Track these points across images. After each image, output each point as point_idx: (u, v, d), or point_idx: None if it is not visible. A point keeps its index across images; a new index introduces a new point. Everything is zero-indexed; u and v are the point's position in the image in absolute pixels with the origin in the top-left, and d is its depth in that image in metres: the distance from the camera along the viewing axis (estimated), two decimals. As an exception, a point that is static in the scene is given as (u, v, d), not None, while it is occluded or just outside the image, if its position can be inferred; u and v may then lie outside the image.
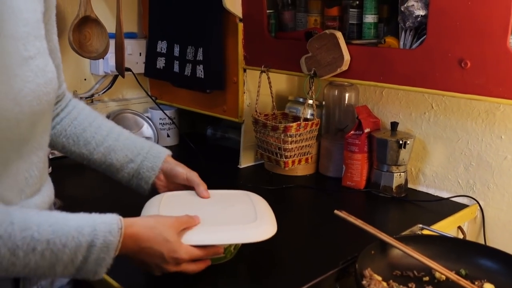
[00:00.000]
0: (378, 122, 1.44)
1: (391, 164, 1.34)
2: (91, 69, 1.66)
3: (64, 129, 0.98)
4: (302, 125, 1.34)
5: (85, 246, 0.69)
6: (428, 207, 1.31)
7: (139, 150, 1.01)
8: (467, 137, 1.33)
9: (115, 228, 0.72)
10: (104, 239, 0.71)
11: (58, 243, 0.67)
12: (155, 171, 1.01)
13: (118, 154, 0.99)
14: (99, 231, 0.70)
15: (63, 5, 1.55)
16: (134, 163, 1.00)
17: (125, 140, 1.01)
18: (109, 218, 0.73)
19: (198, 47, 1.53)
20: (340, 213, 0.99)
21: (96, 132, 0.98)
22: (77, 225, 0.69)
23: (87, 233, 0.69)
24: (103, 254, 0.70)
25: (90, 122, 0.99)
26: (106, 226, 0.72)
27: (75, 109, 1.00)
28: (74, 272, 0.70)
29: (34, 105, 0.70)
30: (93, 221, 0.71)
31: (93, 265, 0.70)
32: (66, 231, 0.68)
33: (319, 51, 1.27)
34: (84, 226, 0.70)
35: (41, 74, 0.72)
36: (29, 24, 0.72)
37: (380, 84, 1.20)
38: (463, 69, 1.05)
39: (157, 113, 1.73)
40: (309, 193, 1.41)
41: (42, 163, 0.79)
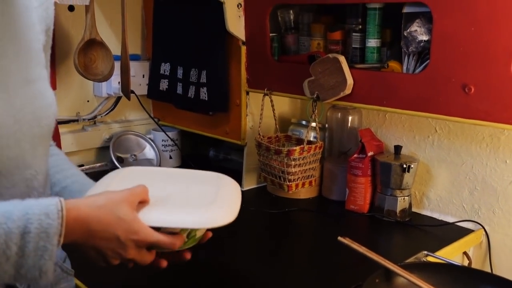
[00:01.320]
0: (382, 145, 1.43)
1: (395, 188, 1.33)
2: (94, 91, 1.66)
3: None
4: (305, 148, 1.33)
5: (17, 233, 0.58)
6: (433, 232, 1.29)
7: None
8: (471, 161, 1.32)
9: (53, 210, 0.61)
10: (40, 222, 0.59)
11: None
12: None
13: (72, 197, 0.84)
14: (32, 214, 0.59)
15: (68, 28, 1.57)
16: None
17: (86, 185, 0.87)
18: (45, 201, 0.62)
19: (202, 70, 1.53)
20: (343, 239, 0.98)
21: (58, 172, 0.89)
22: (5, 210, 0.59)
23: (18, 218, 0.59)
24: (42, 241, 0.59)
25: (58, 164, 0.91)
26: (41, 208, 0.61)
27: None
28: (14, 272, 0.59)
29: (34, 127, 0.72)
30: (25, 205, 0.61)
31: (34, 258, 0.59)
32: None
33: (322, 74, 1.27)
34: (14, 211, 0.59)
35: (41, 98, 0.74)
36: (32, 51, 0.75)
37: (384, 108, 1.20)
38: (467, 94, 1.05)
39: (159, 134, 1.73)
40: (312, 217, 1.40)
41: (42, 188, 0.79)
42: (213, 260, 1.12)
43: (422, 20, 1.12)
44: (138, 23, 1.75)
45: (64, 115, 1.60)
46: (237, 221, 1.35)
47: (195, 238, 0.78)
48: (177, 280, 1.04)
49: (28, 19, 0.76)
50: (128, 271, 1.00)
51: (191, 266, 1.08)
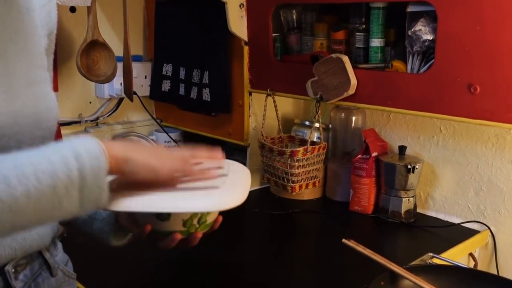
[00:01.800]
0: (386, 145, 1.42)
1: (400, 189, 1.32)
2: (97, 92, 1.65)
3: None
4: (309, 149, 1.32)
5: (72, 157, 0.61)
6: (438, 233, 1.28)
7: None
8: (477, 161, 1.31)
9: (95, 144, 0.64)
10: (85, 148, 0.63)
11: (43, 162, 0.60)
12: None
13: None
14: (79, 146, 0.63)
15: (70, 29, 1.56)
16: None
17: None
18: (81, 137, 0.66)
19: (204, 70, 1.53)
20: (348, 242, 0.96)
21: None
22: (47, 149, 0.62)
23: (66, 150, 0.62)
24: (95, 161, 0.62)
25: None
26: (84, 144, 0.63)
27: None
28: (79, 196, 0.62)
29: (35, 129, 0.71)
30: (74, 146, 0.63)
31: (92, 176, 0.62)
32: (43, 151, 0.62)
33: (326, 75, 1.25)
34: (61, 147, 0.63)
35: (43, 100, 0.74)
36: (34, 54, 0.75)
37: (388, 109, 1.19)
38: (472, 94, 1.04)
39: (162, 135, 1.72)
40: (316, 218, 1.39)
41: None
42: (217, 261, 1.12)
43: (427, 19, 1.11)
44: (140, 23, 1.74)
45: (66, 116, 1.59)
46: (240, 223, 1.34)
47: (206, 224, 0.77)
48: (179, 282, 1.03)
49: (31, 21, 0.76)
50: (130, 274, 1.00)
51: (194, 266, 1.07)
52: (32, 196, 0.59)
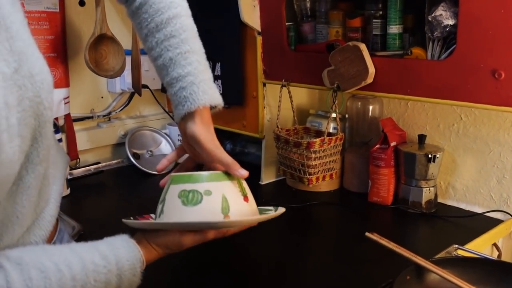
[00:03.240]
0: (404, 134, 1.39)
1: (420, 179, 1.29)
2: (108, 87, 1.64)
3: (138, 19, 0.89)
4: (326, 140, 1.29)
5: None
6: (460, 223, 1.25)
7: (178, 80, 0.85)
8: (499, 149, 1.27)
9: (138, 269, 0.73)
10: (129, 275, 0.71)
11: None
12: (181, 114, 0.85)
13: (168, 73, 0.86)
14: (124, 277, 0.71)
15: (79, 24, 1.54)
16: (171, 88, 0.86)
17: (177, 55, 0.86)
18: (132, 260, 0.72)
19: (216, 62, 1.50)
20: (371, 235, 0.94)
21: (158, 31, 0.86)
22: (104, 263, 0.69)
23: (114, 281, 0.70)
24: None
25: (158, 25, 0.87)
26: (130, 271, 0.72)
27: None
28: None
29: (32, 122, 0.62)
30: (117, 258, 0.71)
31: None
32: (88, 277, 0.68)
33: (342, 64, 1.22)
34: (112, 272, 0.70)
35: (30, 83, 0.61)
36: (0, 29, 0.60)
37: (407, 97, 1.15)
38: (496, 80, 1.00)
39: (175, 129, 1.70)
40: (334, 210, 1.37)
41: (50, 169, 0.73)
42: (235, 256, 1.10)
43: (447, 3, 1.07)
44: (150, 16, 1.71)
45: (78, 112, 1.58)
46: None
47: None
48: (197, 274, 1.01)
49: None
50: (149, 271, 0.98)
51: (212, 259, 1.06)
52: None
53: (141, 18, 0.89)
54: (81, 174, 1.53)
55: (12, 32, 0.60)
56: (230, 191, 0.79)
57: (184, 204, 0.76)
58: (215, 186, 0.78)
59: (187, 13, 0.93)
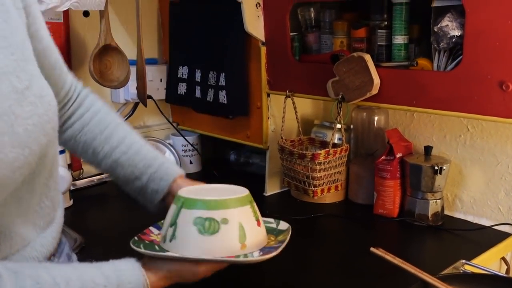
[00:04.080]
0: (410, 146, 1.37)
1: (426, 191, 1.27)
2: (112, 97, 1.63)
3: (75, 135, 0.90)
4: (330, 151, 1.28)
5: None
6: (468, 237, 1.22)
7: (146, 169, 0.90)
8: (507, 160, 1.25)
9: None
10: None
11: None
12: (159, 195, 0.91)
13: (124, 170, 0.90)
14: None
15: (83, 34, 1.54)
16: (140, 181, 0.91)
17: (134, 155, 0.91)
18: (135, 278, 0.71)
19: (220, 72, 1.49)
20: (377, 251, 0.92)
21: (106, 143, 0.90)
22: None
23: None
24: None
25: (102, 130, 0.90)
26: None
27: (88, 113, 0.91)
28: None
29: (41, 138, 0.64)
30: (120, 281, 0.69)
31: None
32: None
33: (347, 74, 1.21)
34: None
35: (40, 102, 0.64)
36: (17, 50, 0.63)
37: (413, 109, 1.14)
38: (504, 92, 0.98)
39: (179, 139, 1.69)
40: (339, 222, 1.35)
41: (52, 191, 0.75)
42: (238, 267, 1.08)
43: (454, 14, 1.06)
44: (155, 25, 1.71)
45: (82, 122, 1.57)
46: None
47: None
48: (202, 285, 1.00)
49: (4, 14, 0.63)
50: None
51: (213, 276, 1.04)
52: None
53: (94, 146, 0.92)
54: (84, 185, 1.52)
55: (26, 56, 0.65)
56: (245, 217, 0.78)
57: (200, 233, 0.75)
58: (231, 214, 0.76)
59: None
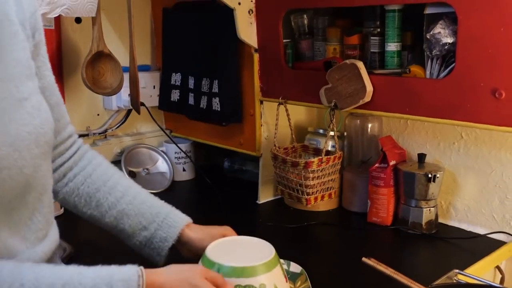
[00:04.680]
0: (404, 153, 1.36)
1: (420, 199, 1.26)
2: (104, 104, 1.62)
3: (77, 187, 0.90)
4: (324, 159, 1.27)
5: None
6: (462, 245, 1.21)
7: (154, 217, 0.90)
8: (501, 168, 1.24)
9: (134, 285, 0.66)
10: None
11: None
12: (168, 243, 0.90)
13: (131, 220, 0.89)
14: (116, 287, 0.65)
15: (76, 41, 1.52)
16: (147, 231, 0.90)
17: (140, 204, 0.91)
18: (128, 273, 0.67)
19: (213, 79, 1.48)
20: (368, 261, 0.91)
21: (110, 193, 0.90)
22: (93, 283, 0.64)
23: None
24: None
25: (105, 181, 0.90)
26: (124, 283, 0.66)
27: (90, 165, 0.92)
28: None
29: (33, 148, 0.68)
30: (110, 278, 0.66)
31: None
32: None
33: (340, 82, 1.20)
34: (101, 284, 0.65)
35: (37, 115, 0.70)
36: (19, 64, 0.69)
37: (406, 116, 1.13)
38: (497, 99, 0.98)
39: (172, 147, 1.68)
40: (332, 231, 1.33)
41: (46, 207, 0.76)
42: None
43: (446, 21, 1.05)
44: (148, 32, 1.70)
45: (74, 129, 1.56)
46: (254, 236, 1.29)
47: None
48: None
49: (9, 27, 0.69)
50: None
51: None
52: None
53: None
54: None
55: (28, 73, 0.71)
56: (278, 278, 0.81)
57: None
58: (268, 278, 0.79)
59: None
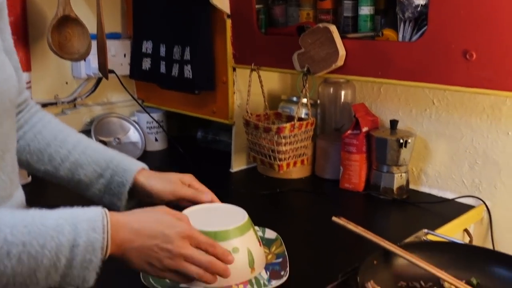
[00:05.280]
0: (377, 120, 1.36)
1: (392, 165, 1.26)
2: (73, 71, 1.57)
3: (27, 144, 0.88)
4: (296, 125, 1.26)
5: (67, 247, 0.61)
6: (431, 209, 1.23)
7: (109, 163, 0.89)
8: (471, 134, 1.26)
9: (99, 225, 0.64)
10: (88, 237, 0.62)
11: (35, 245, 0.59)
12: (125, 187, 0.89)
13: (85, 169, 0.88)
14: (81, 229, 0.62)
15: (41, 5, 1.47)
16: (103, 178, 0.89)
17: (93, 153, 0.90)
18: (92, 213, 0.65)
19: (185, 46, 1.45)
20: (338, 220, 0.91)
21: (61, 146, 0.88)
22: (56, 224, 0.62)
23: (68, 232, 0.61)
24: (88, 255, 0.62)
25: (55, 136, 0.89)
26: (89, 223, 0.63)
27: (40, 122, 0.90)
28: (59, 279, 0.62)
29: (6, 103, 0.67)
30: (74, 218, 0.63)
31: (79, 269, 0.62)
32: (44, 231, 0.60)
33: (312, 46, 1.19)
34: (64, 225, 0.62)
35: (1, 71, 0.69)
36: None
37: (379, 80, 1.13)
38: (468, 61, 0.98)
39: (144, 116, 1.65)
40: (305, 197, 1.33)
41: (9, 166, 0.74)
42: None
43: (419, -18, 1.04)
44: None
45: (41, 97, 1.51)
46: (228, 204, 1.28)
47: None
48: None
49: None
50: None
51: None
52: (7, 274, 0.58)
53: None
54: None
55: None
56: (252, 242, 0.84)
57: None
58: (241, 242, 0.81)
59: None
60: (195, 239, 0.72)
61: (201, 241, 0.73)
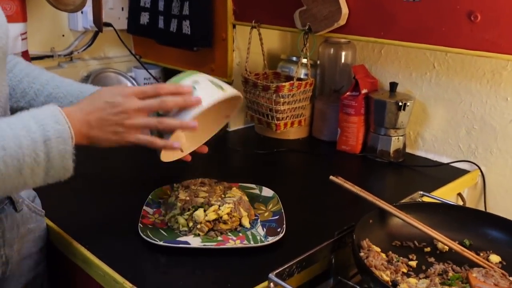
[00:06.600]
0: (376, 82, 1.36)
1: (389, 127, 1.26)
2: (70, 24, 1.54)
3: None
4: (295, 85, 1.25)
5: (41, 142, 0.65)
6: (427, 173, 1.24)
7: (85, 94, 0.86)
8: (470, 98, 1.25)
9: (60, 117, 0.68)
10: (55, 129, 0.67)
11: (13, 146, 0.63)
12: None
13: (61, 102, 0.85)
14: (46, 124, 0.66)
15: (36, -48, 1.42)
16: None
17: (68, 86, 0.87)
18: (49, 110, 0.69)
19: (184, 1, 1.42)
20: (335, 179, 0.92)
21: (34, 82, 0.86)
22: (23, 124, 0.65)
23: (36, 129, 0.66)
24: (61, 145, 0.67)
25: (28, 73, 0.86)
26: (52, 117, 0.67)
27: (11, 62, 0.87)
28: (43, 174, 0.66)
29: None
30: (36, 117, 0.67)
31: (58, 159, 0.67)
32: (16, 133, 0.64)
33: (315, 4, 1.16)
34: (30, 124, 0.66)
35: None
36: None
37: (380, 40, 1.11)
38: (472, 22, 0.96)
39: (141, 72, 1.63)
40: (301, 157, 1.34)
41: (2, 109, 0.74)
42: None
43: None
44: (115, -50, 1.60)
45: (37, 50, 1.48)
46: (224, 163, 1.29)
47: None
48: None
49: None
50: (101, 210, 0.94)
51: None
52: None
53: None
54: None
55: None
56: (209, 76, 0.84)
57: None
58: (198, 76, 0.82)
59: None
60: (139, 92, 0.75)
61: (145, 90, 0.75)
